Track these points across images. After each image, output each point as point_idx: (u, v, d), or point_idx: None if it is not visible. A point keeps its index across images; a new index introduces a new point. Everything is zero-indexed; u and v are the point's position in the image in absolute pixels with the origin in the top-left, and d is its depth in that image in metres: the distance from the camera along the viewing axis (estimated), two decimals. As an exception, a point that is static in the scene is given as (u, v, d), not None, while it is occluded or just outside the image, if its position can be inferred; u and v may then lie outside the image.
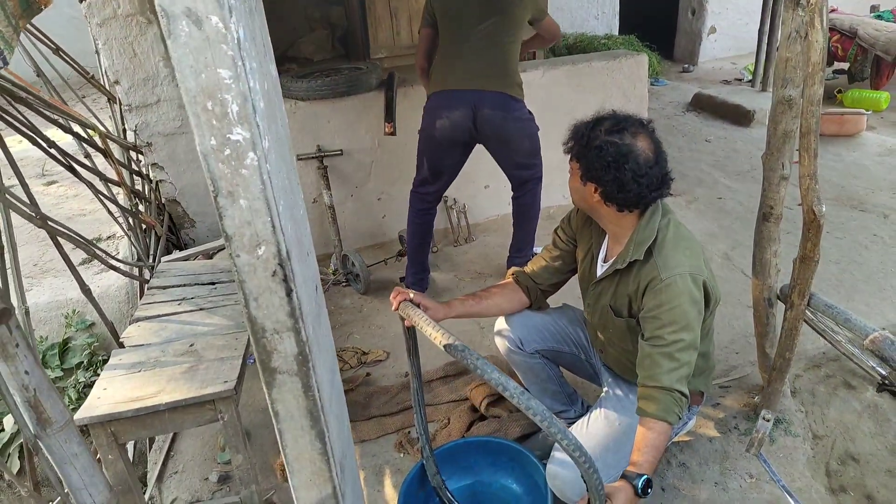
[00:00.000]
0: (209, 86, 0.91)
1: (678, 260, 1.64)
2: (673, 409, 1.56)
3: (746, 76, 6.86)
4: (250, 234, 1.03)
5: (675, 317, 1.59)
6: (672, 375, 1.57)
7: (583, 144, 1.66)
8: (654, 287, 1.63)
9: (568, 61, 3.76)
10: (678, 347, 1.59)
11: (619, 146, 1.60)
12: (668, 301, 1.60)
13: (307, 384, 1.20)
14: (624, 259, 1.70)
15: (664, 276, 1.62)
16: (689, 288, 1.61)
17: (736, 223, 3.79)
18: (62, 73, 3.24)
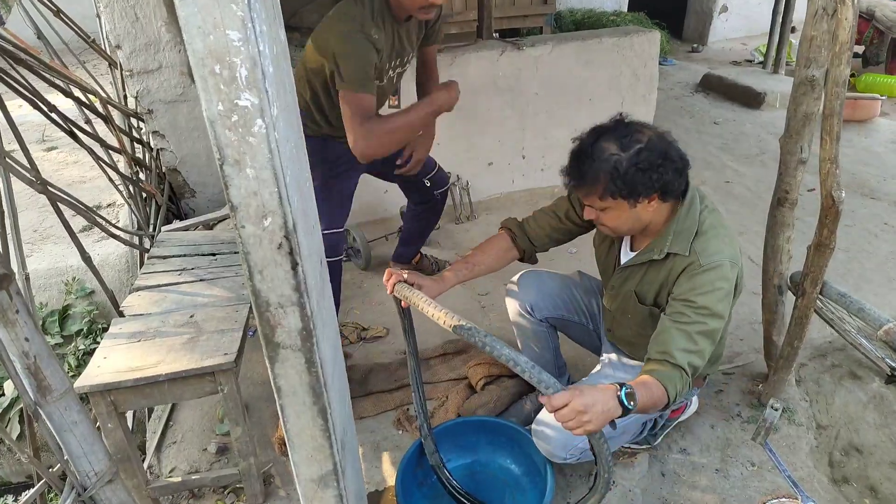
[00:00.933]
0: (217, 48, 0.87)
1: (718, 247, 1.60)
2: (676, 382, 1.49)
3: (757, 57, 6.76)
4: (256, 205, 1.00)
5: (707, 301, 1.55)
6: (685, 356, 1.52)
7: (616, 178, 1.51)
8: (690, 271, 1.59)
9: (577, 37, 3.68)
10: (699, 329, 1.54)
11: (647, 150, 1.52)
12: (702, 285, 1.56)
13: (311, 360, 1.17)
14: (661, 250, 1.65)
15: (704, 261, 1.57)
16: (726, 275, 1.58)
17: (743, 208, 3.75)
18: (63, 37, 3.17)
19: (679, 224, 1.63)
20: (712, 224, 1.64)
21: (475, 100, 3.49)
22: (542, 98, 3.63)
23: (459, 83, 3.41)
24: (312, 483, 1.34)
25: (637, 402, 1.39)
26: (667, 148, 1.55)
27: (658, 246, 1.66)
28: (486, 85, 3.49)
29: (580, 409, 1.31)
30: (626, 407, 1.37)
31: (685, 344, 1.52)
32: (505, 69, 3.49)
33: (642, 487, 1.94)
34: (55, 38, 3.02)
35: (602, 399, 1.35)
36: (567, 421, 1.32)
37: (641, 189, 1.53)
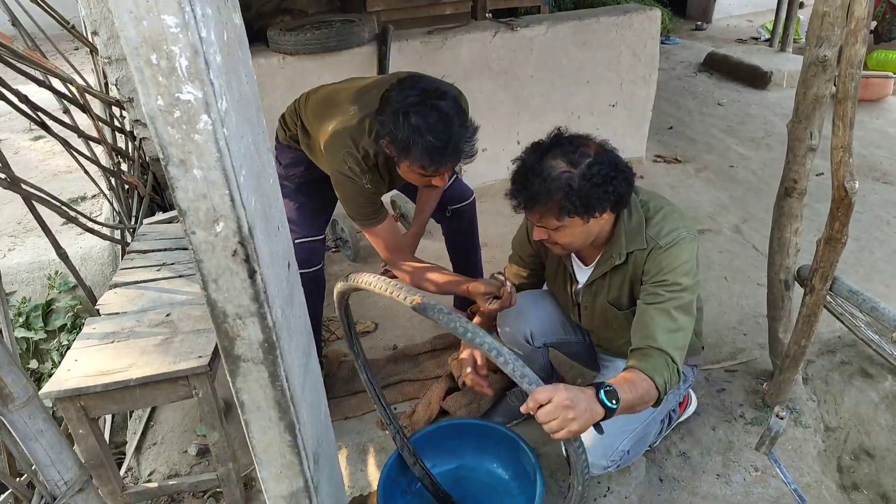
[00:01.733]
0: (152, 35, 0.77)
1: (672, 224, 1.58)
2: (661, 370, 1.43)
3: (764, 35, 6.59)
4: (206, 209, 0.91)
5: (677, 277, 1.53)
6: (668, 337, 1.47)
7: (571, 196, 1.45)
8: (654, 256, 1.57)
9: (574, 16, 3.53)
10: (675, 305, 1.50)
11: (597, 164, 1.46)
12: (668, 263, 1.54)
13: (274, 373, 1.09)
14: (620, 253, 1.61)
15: (662, 242, 1.56)
16: (687, 248, 1.56)
17: (748, 194, 3.63)
18: (41, 24, 3.05)
19: (627, 224, 1.60)
20: (656, 207, 1.63)
21: (467, 83, 3.35)
22: (537, 81, 3.50)
23: (450, 66, 3.31)
24: (282, 500, 1.27)
25: (620, 401, 1.31)
26: (615, 159, 1.51)
27: (615, 251, 1.62)
28: (478, 68, 3.36)
29: (566, 403, 1.22)
30: (607, 407, 1.29)
31: (665, 322, 1.49)
32: (498, 51, 3.35)
33: (639, 494, 1.85)
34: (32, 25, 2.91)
35: (584, 398, 1.27)
36: (550, 420, 1.22)
37: (596, 204, 1.48)
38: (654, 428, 1.84)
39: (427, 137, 1.65)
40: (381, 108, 1.74)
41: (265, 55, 3.08)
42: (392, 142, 1.71)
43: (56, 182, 3.81)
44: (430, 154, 1.67)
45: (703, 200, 3.58)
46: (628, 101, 3.74)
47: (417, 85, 1.72)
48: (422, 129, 1.65)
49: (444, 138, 1.66)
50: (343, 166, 1.85)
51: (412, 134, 1.65)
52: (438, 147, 1.66)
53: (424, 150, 1.66)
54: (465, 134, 1.73)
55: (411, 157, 1.69)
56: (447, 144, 1.67)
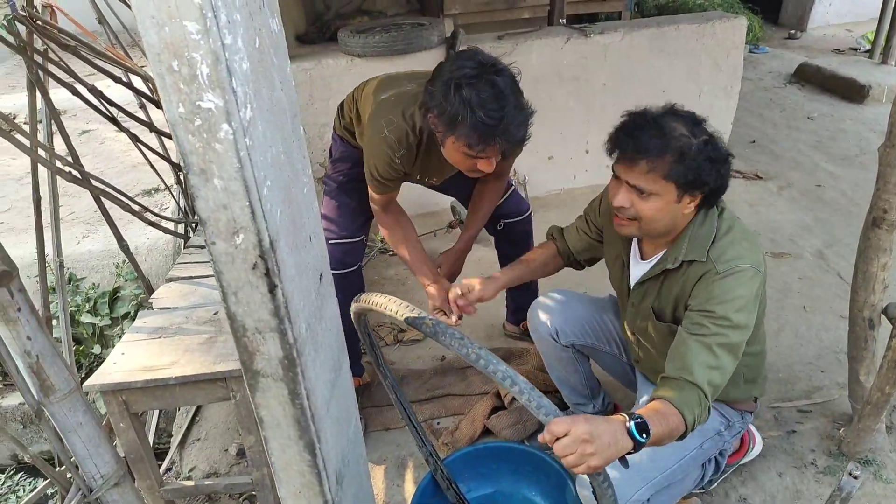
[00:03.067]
0: (174, 41, 0.74)
1: (738, 252, 1.44)
2: (693, 406, 1.31)
3: (864, 46, 6.16)
4: (227, 220, 0.87)
5: (727, 311, 1.38)
6: (705, 373, 1.35)
7: (684, 159, 1.35)
8: (707, 279, 1.43)
9: (652, 23, 3.38)
10: (719, 341, 1.37)
11: (714, 144, 1.38)
12: (721, 293, 1.40)
13: (294, 391, 1.04)
14: (676, 258, 1.49)
15: (721, 268, 1.41)
16: (747, 282, 1.40)
17: (835, 216, 3.36)
18: (126, 21, 3.16)
19: (695, 230, 1.48)
20: (730, 228, 1.49)
21: (536, 89, 3.26)
22: (610, 89, 3.37)
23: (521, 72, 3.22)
24: (302, 521, 1.22)
25: (651, 434, 1.21)
26: (724, 148, 1.42)
27: (673, 254, 1.50)
28: (548, 74, 3.27)
29: (584, 437, 1.11)
30: (637, 440, 1.18)
31: (705, 357, 1.36)
32: (570, 58, 3.25)
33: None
34: (116, 23, 3.01)
35: (609, 430, 1.16)
36: (567, 454, 1.12)
37: (703, 180, 1.37)
38: (689, 474, 1.66)
39: (478, 113, 1.53)
40: (434, 77, 1.63)
41: (334, 56, 3.09)
42: (439, 115, 1.60)
43: (134, 173, 3.97)
44: (478, 131, 1.55)
45: (783, 221, 3.34)
46: (707, 112, 3.46)
47: (475, 57, 1.60)
48: (473, 103, 1.53)
49: (496, 116, 1.54)
50: (382, 131, 1.75)
51: (462, 107, 1.54)
52: (489, 125, 1.54)
53: (473, 126, 1.54)
54: (519, 116, 1.59)
55: (457, 133, 1.58)
56: (499, 123, 1.54)
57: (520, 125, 1.61)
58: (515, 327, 2.56)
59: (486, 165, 1.67)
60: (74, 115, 4.60)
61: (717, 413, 1.64)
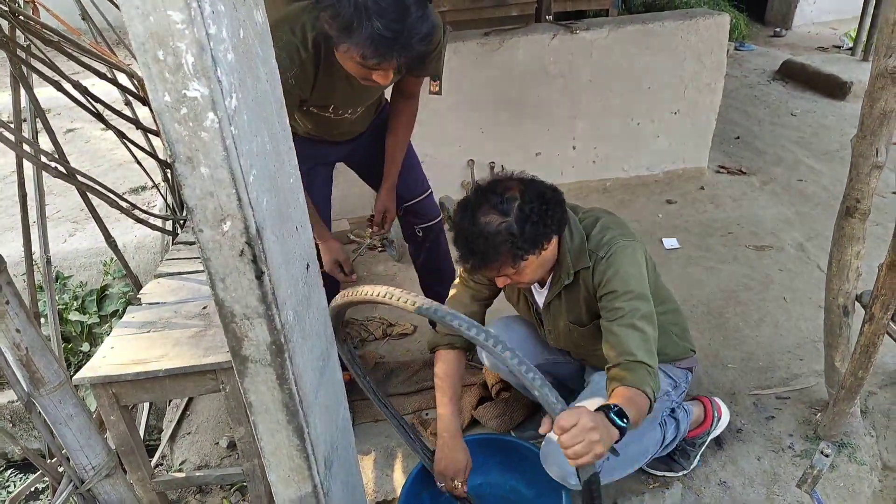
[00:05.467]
0: (159, 31, 0.76)
1: (609, 236, 1.61)
2: (648, 380, 1.45)
3: (847, 43, 6.25)
4: (213, 207, 0.89)
5: (627, 284, 1.55)
6: (641, 346, 1.49)
7: (517, 243, 1.47)
8: (599, 268, 1.59)
9: (637, 20, 3.42)
10: (638, 316, 1.52)
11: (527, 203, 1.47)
12: (615, 273, 1.56)
13: (283, 376, 1.07)
14: (568, 273, 1.63)
15: (602, 253, 1.59)
16: (627, 252, 1.57)
17: (816, 210, 3.42)
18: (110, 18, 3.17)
19: (570, 244, 1.62)
20: (593, 221, 1.65)
21: (523, 86, 3.30)
22: (595, 85, 3.41)
23: (506, 68, 3.25)
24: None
25: (630, 418, 1.31)
26: (540, 189, 1.52)
27: (563, 272, 1.64)
28: (535, 71, 3.30)
29: (591, 426, 1.18)
30: (620, 426, 1.28)
31: (633, 335, 1.50)
32: (556, 54, 3.28)
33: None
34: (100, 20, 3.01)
35: (602, 420, 1.25)
36: (575, 443, 1.17)
37: (542, 238, 1.50)
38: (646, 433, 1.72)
39: (374, 22, 1.38)
40: None
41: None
42: (332, 17, 1.43)
43: (121, 171, 3.97)
44: (374, 43, 1.41)
45: (766, 215, 3.39)
46: (691, 108, 3.59)
47: None
48: (371, 10, 1.38)
49: (394, 28, 1.40)
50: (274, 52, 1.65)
51: (357, 14, 1.39)
52: (386, 38, 1.40)
53: (369, 37, 1.40)
54: (422, 27, 1.44)
55: (352, 41, 1.43)
56: (397, 36, 1.41)
57: (422, 39, 1.47)
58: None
59: (382, 78, 1.56)
60: (59, 113, 4.59)
61: (665, 375, 1.77)
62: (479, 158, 3.47)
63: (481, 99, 3.27)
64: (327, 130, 1.97)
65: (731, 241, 3.16)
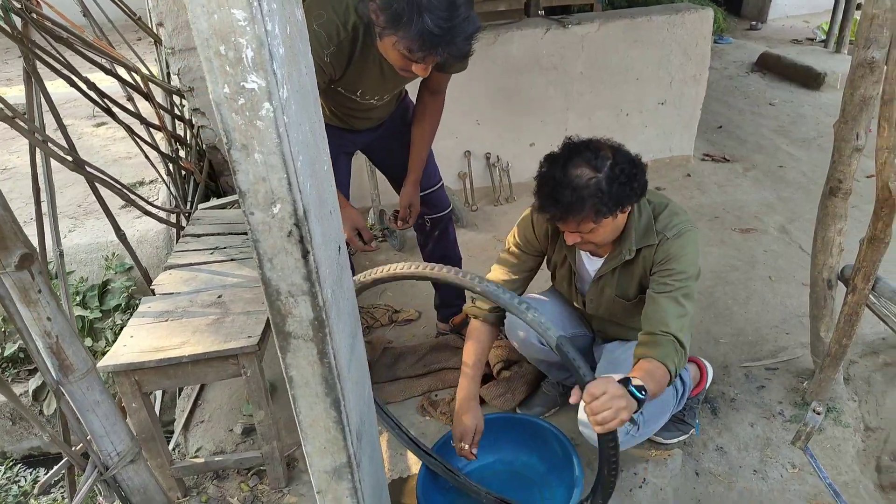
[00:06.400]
0: (222, 28, 0.83)
1: (678, 219, 1.68)
2: (673, 357, 1.53)
3: (820, 36, 6.42)
4: (265, 191, 0.96)
5: (684, 266, 1.63)
6: (678, 322, 1.57)
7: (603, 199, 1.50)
8: (663, 246, 1.66)
9: (626, 14, 3.53)
10: (684, 293, 1.61)
11: (618, 164, 1.52)
12: (676, 253, 1.64)
13: (323, 350, 1.14)
14: (630, 249, 1.69)
15: (669, 234, 1.65)
16: (693, 239, 1.67)
17: (797, 194, 3.57)
18: (109, 15, 3.19)
19: (638, 221, 1.68)
20: (661, 205, 1.72)
21: (518, 79, 3.39)
22: (587, 78, 3.51)
23: (502, 61, 3.33)
24: (326, 475, 1.32)
25: (648, 391, 1.40)
26: (630, 155, 1.58)
27: (625, 247, 1.69)
28: (529, 64, 3.39)
29: (619, 393, 1.30)
30: (638, 398, 1.37)
31: (674, 309, 1.59)
32: (549, 48, 3.38)
33: (675, 486, 1.86)
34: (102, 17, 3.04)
35: (624, 390, 1.34)
36: (603, 410, 1.28)
37: (627, 200, 1.55)
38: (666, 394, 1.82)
39: (425, 17, 1.43)
40: None
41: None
42: (383, 8, 1.48)
43: (115, 167, 3.97)
44: (422, 37, 1.46)
45: (750, 200, 3.53)
46: (678, 99, 3.71)
47: None
48: (423, 5, 1.42)
49: (444, 26, 1.45)
50: (311, 26, 1.54)
51: (410, 8, 1.43)
52: (434, 34, 1.45)
53: (418, 31, 1.45)
54: (467, 27, 1.50)
55: (400, 34, 1.48)
56: (445, 33, 1.46)
57: (466, 39, 1.53)
58: (445, 324, 2.61)
59: (421, 71, 1.61)
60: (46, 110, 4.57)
61: None
62: (475, 149, 3.56)
63: (477, 91, 3.35)
64: (350, 115, 2.01)
65: (718, 224, 3.30)
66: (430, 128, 2.12)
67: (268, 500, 1.96)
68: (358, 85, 1.85)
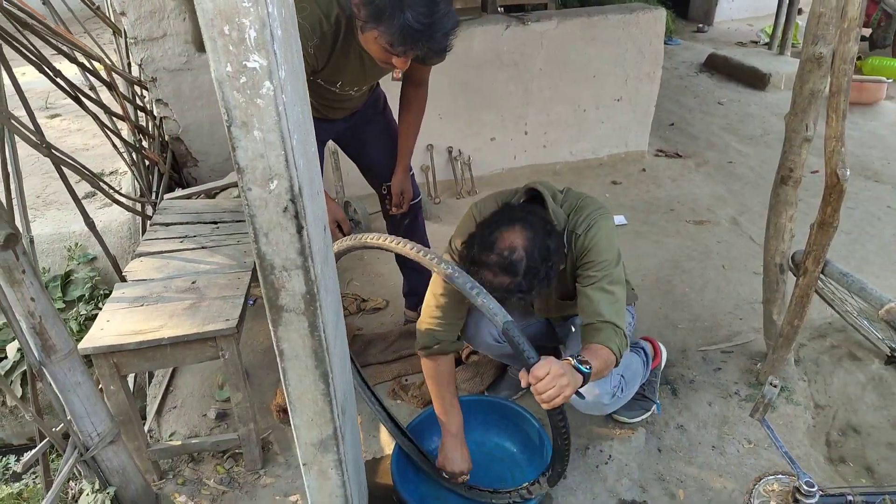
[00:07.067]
0: (227, 8, 0.87)
1: (584, 213, 1.73)
2: (613, 338, 1.62)
3: (763, 39, 6.71)
4: (263, 168, 1.00)
5: (600, 255, 1.69)
6: (610, 308, 1.64)
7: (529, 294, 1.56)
8: (577, 242, 1.72)
9: (583, 13, 3.64)
10: (608, 280, 1.68)
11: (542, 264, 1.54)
12: (589, 244, 1.70)
13: (314, 324, 1.18)
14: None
15: (580, 230, 1.71)
16: (604, 226, 1.71)
17: (746, 188, 3.75)
18: (68, 4, 3.14)
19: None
20: (570, 205, 1.76)
21: (479, 74, 3.47)
22: (546, 74, 3.60)
23: (463, 56, 3.39)
24: (312, 447, 1.35)
25: (592, 367, 1.50)
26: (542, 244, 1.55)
27: None
28: (490, 59, 3.46)
29: (560, 372, 1.39)
30: (583, 372, 1.47)
31: (604, 297, 1.66)
32: (510, 44, 3.46)
33: (638, 462, 1.96)
34: (60, 6, 2.99)
35: (567, 367, 1.44)
36: (548, 389, 1.38)
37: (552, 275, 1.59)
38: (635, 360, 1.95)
39: (407, 14, 1.49)
40: None
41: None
42: (365, 3, 1.54)
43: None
44: (403, 33, 1.52)
45: (702, 193, 3.70)
46: (633, 96, 3.85)
47: None
48: (404, 2, 1.49)
49: (424, 21, 1.51)
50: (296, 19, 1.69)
51: (391, 4, 1.50)
52: (415, 30, 1.52)
53: (399, 26, 1.51)
54: (446, 23, 1.57)
55: (382, 29, 1.54)
56: (426, 29, 1.52)
57: (446, 34, 1.59)
58: (413, 312, 2.62)
59: (401, 64, 1.67)
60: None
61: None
62: (437, 143, 3.62)
63: (439, 86, 3.38)
64: (327, 105, 2.04)
65: (673, 217, 3.44)
66: (416, 118, 2.18)
67: (244, 481, 1.99)
68: (338, 76, 1.89)
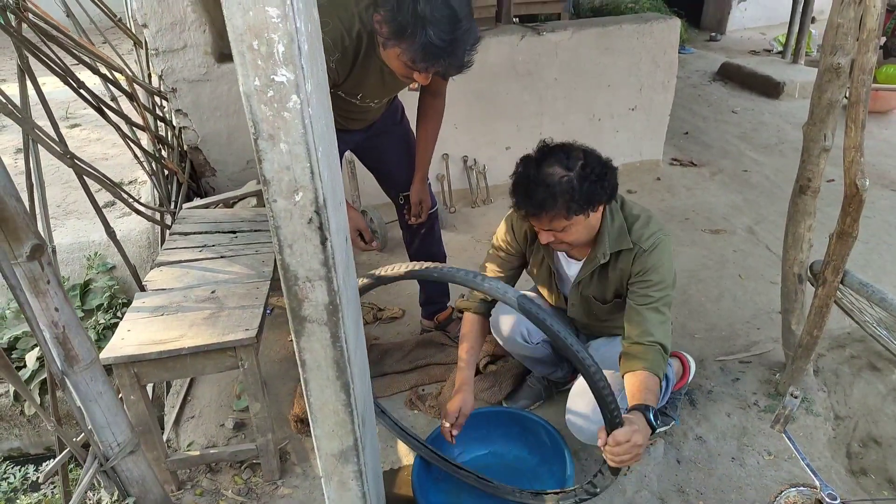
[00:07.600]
0: (256, 24, 0.88)
1: (651, 230, 1.75)
2: (661, 364, 1.65)
3: (776, 47, 6.69)
4: (289, 180, 1.01)
5: (662, 276, 1.72)
6: (661, 330, 1.68)
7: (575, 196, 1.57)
8: (640, 258, 1.73)
9: (597, 23, 3.66)
10: (664, 303, 1.72)
11: (589, 164, 1.59)
12: (652, 265, 1.72)
13: (336, 334, 1.18)
14: (605, 253, 1.76)
15: (646, 246, 1.72)
16: (667, 248, 1.75)
17: (761, 197, 3.73)
18: (90, 16, 3.19)
19: (610, 226, 1.75)
20: (634, 214, 1.78)
21: (494, 84, 3.48)
22: (560, 83, 3.62)
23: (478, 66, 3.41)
24: (333, 458, 1.35)
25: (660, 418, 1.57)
26: (600, 156, 1.65)
27: (600, 251, 1.77)
28: (505, 69, 3.48)
29: (640, 442, 1.42)
30: (654, 427, 1.50)
31: (657, 318, 1.70)
32: (524, 54, 3.47)
33: (657, 473, 1.95)
34: (83, 17, 3.03)
35: (643, 427, 1.47)
36: (624, 456, 1.41)
37: (597, 199, 1.62)
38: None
39: (428, 31, 1.49)
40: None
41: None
42: (388, 21, 1.54)
43: (92, 169, 3.94)
44: (425, 50, 1.53)
45: (717, 202, 3.69)
46: (647, 105, 3.85)
47: None
48: (426, 19, 1.48)
49: (446, 38, 1.51)
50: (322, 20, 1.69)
51: (414, 21, 1.49)
52: (437, 47, 1.52)
53: (421, 44, 1.52)
54: (468, 40, 1.58)
55: (404, 46, 1.55)
56: (447, 45, 1.52)
57: (467, 51, 1.61)
58: (429, 321, 2.66)
59: (422, 79, 1.68)
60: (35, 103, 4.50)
61: None
62: (452, 152, 3.63)
63: (455, 95, 3.38)
64: (346, 116, 2.06)
65: (689, 226, 3.43)
66: (434, 128, 2.21)
67: (262, 492, 1.99)
68: (359, 89, 1.91)
